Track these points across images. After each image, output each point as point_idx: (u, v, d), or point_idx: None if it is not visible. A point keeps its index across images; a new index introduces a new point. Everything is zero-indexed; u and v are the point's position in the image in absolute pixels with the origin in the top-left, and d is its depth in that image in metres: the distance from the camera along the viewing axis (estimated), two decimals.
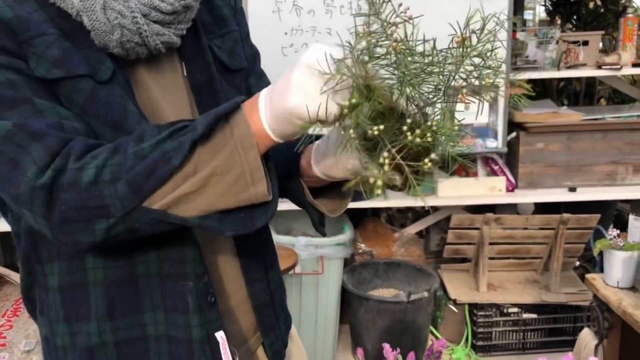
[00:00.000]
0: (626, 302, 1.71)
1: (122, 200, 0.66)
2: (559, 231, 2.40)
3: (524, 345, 2.46)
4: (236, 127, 0.66)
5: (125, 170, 0.65)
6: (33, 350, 2.30)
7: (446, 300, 2.48)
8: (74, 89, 0.71)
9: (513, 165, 2.49)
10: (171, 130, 0.67)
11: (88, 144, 0.68)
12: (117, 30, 0.72)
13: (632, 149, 2.44)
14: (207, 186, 0.67)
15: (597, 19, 3.50)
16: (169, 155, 0.65)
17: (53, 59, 0.70)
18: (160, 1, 0.74)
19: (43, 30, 0.71)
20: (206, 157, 0.66)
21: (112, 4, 0.72)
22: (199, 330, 0.79)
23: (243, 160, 0.66)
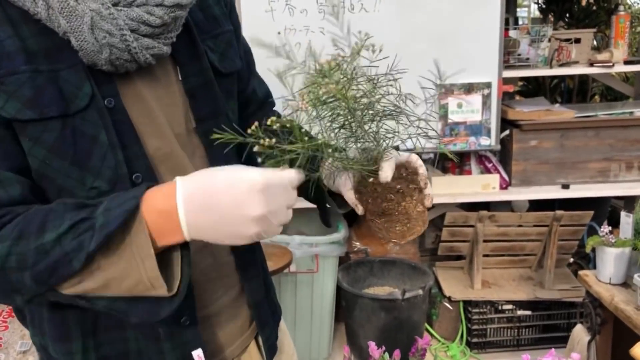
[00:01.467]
0: (618, 298, 1.72)
1: (31, 288, 0.68)
2: (553, 228, 2.42)
3: (519, 341, 2.47)
4: (133, 237, 0.66)
5: (29, 265, 0.66)
6: (29, 350, 2.30)
7: (441, 298, 2.49)
8: (45, 129, 0.70)
9: (506, 162, 2.50)
10: (72, 223, 0.66)
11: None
12: (105, 50, 0.71)
13: (625, 145, 2.45)
14: (108, 286, 0.68)
15: (589, 16, 3.52)
16: (69, 257, 0.65)
17: (25, 99, 0.69)
18: (149, 15, 0.73)
19: (15, 67, 0.69)
20: (105, 263, 0.67)
21: (100, 24, 0.70)
22: (173, 354, 0.80)
23: (140, 268, 0.66)
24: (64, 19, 0.69)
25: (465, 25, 2.28)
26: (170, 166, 0.79)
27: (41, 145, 0.71)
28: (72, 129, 0.71)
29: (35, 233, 0.66)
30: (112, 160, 0.73)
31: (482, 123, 2.35)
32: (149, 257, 0.66)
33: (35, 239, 0.66)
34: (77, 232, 0.66)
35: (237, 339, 0.91)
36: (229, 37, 0.91)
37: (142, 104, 0.77)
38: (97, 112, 0.73)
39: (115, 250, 0.66)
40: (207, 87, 0.84)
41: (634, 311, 1.63)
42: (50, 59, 0.71)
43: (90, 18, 0.69)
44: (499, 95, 2.34)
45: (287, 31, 2.21)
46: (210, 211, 0.67)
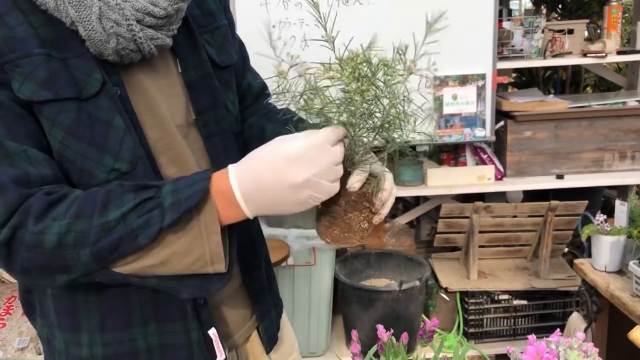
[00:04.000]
0: (613, 285, 1.74)
1: (85, 265, 0.69)
2: (548, 218, 2.43)
3: (515, 331, 2.49)
4: (202, 214, 0.69)
5: (90, 242, 0.67)
6: (27, 347, 2.30)
7: (437, 289, 2.51)
8: (61, 110, 0.72)
9: (501, 153, 2.51)
10: (137, 202, 0.68)
11: (48, 201, 0.69)
12: (112, 39, 0.72)
13: (618, 135, 2.47)
14: (168, 262, 0.70)
15: (582, 7, 3.54)
16: (135, 233, 0.67)
17: (40, 80, 0.70)
18: (154, 6, 0.75)
19: (29, 50, 0.70)
20: (171, 239, 0.69)
21: (107, 13, 0.71)
22: (197, 333, 0.83)
23: (205, 244, 0.69)
24: (73, 8, 0.70)
25: (460, 17, 2.28)
26: (170, 157, 0.80)
27: (58, 126, 0.72)
28: (87, 113, 0.73)
29: (98, 211, 0.68)
30: (131, 142, 0.75)
31: (477, 114, 2.36)
32: (215, 234, 0.69)
33: (99, 216, 0.68)
34: (142, 211, 0.68)
35: (239, 329, 0.93)
36: (224, 31, 0.92)
37: (144, 95, 0.78)
38: (109, 98, 0.74)
39: (183, 227, 0.69)
40: (206, 79, 0.85)
41: (629, 298, 1.65)
42: (57, 48, 0.72)
43: (98, 8, 0.71)
44: (494, 87, 2.35)
45: (281, 24, 2.21)
46: (261, 190, 0.69)
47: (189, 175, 0.72)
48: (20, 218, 0.68)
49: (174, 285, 0.73)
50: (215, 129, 0.86)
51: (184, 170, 0.81)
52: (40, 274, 0.70)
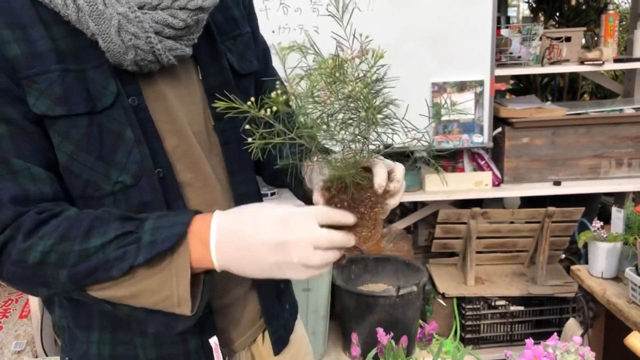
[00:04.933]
0: (610, 291, 1.75)
1: (62, 284, 0.72)
2: (545, 224, 2.44)
3: (512, 337, 2.50)
4: (176, 257, 0.71)
5: (68, 265, 0.71)
6: (24, 350, 2.30)
7: (435, 294, 2.51)
8: (73, 125, 0.74)
9: (499, 160, 2.52)
10: (118, 234, 0.71)
11: (38, 219, 0.72)
12: (131, 51, 0.74)
13: (615, 142, 2.48)
14: (138, 296, 0.73)
15: (579, 15, 3.56)
16: (110, 264, 0.70)
17: (56, 96, 0.72)
18: (173, 18, 0.76)
19: (47, 66, 0.72)
20: (143, 275, 0.71)
21: (126, 27, 0.73)
22: (195, 341, 0.84)
23: (174, 286, 0.71)
24: (93, 21, 0.72)
25: (458, 24, 2.30)
26: (187, 163, 0.83)
27: (69, 140, 0.74)
28: (99, 125, 0.75)
29: (80, 236, 0.71)
30: (138, 155, 0.77)
31: (475, 121, 2.38)
32: (185, 278, 0.71)
33: (80, 242, 0.71)
34: (122, 243, 0.70)
35: (248, 330, 0.94)
36: (247, 39, 0.93)
37: (163, 103, 0.80)
38: (122, 110, 0.76)
39: (155, 266, 0.71)
40: (225, 86, 0.86)
41: (625, 304, 1.65)
42: (78, 59, 0.74)
43: (117, 21, 0.72)
44: (491, 93, 2.36)
45: (281, 30, 2.22)
46: (234, 239, 0.71)
47: (172, 214, 0.75)
48: (11, 233, 0.71)
49: (143, 317, 0.75)
50: (232, 135, 0.87)
51: (200, 176, 0.83)
52: (23, 286, 0.75)
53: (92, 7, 0.72)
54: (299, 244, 0.70)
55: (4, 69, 0.71)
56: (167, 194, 0.80)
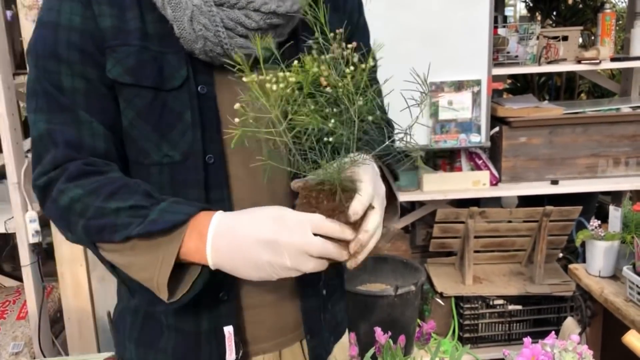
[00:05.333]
0: (607, 290, 1.75)
1: (79, 234, 0.80)
2: (542, 223, 2.45)
3: (510, 336, 2.50)
4: (168, 243, 0.75)
5: (85, 217, 0.78)
6: (21, 352, 2.30)
7: (433, 294, 2.51)
8: (137, 95, 0.82)
9: (496, 159, 2.53)
10: (135, 204, 0.77)
11: (83, 170, 0.80)
12: (200, 41, 0.80)
13: (612, 141, 2.49)
14: (128, 268, 0.80)
15: (576, 14, 3.57)
16: (115, 228, 0.76)
17: (127, 66, 0.81)
18: (247, 18, 0.81)
19: (128, 41, 0.81)
20: (136, 250, 0.77)
21: (198, 17, 0.79)
22: (208, 324, 0.88)
23: (157, 270, 0.75)
24: (171, 9, 0.80)
25: (455, 23, 2.30)
26: (242, 157, 0.85)
27: (132, 107, 0.83)
28: (163, 102, 0.83)
29: (105, 195, 0.78)
30: (191, 137, 0.83)
31: (472, 120, 2.38)
32: (168, 264, 0.74)
33: (102, 200, 0.78)
34: (132, 213, 0.76)
35: (279, 336, 0.94)
36: None
37: (232, 96, 0.81)
38: (187, 94, 0.83)
39: (148, 245, 0.76)
40: None
41: (623, 303, 1.66)
42: (161, 42, 0.82)
43: (191, 11, 0.79)
44: (489, 93, 2.37)
45: None
46: (229, 237, 0.74)
47: (186, 203, 0.79)
48: (58, 174, 0.80)
49: (136, 287, 0.82)
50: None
51: (251, 172, 0.85)
52: (56, 224, 0.84)
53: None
54: (290, 248, 0.71)
55: (93, 36, 0.81)
56: (211, 180, 0.84)
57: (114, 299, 1.01)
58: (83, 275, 2.30)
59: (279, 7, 0.82)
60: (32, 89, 0.83)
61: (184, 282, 0.77)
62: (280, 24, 0.84)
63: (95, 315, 2.35)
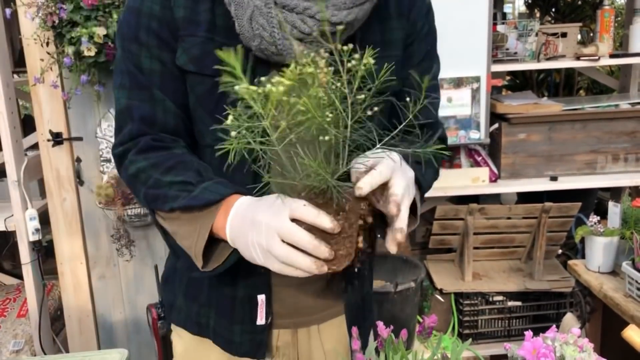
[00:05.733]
0: (607, 285, 1.76)
1: (141, 200, 0.92)
2: (542, 220, 2.45)
3: (509, 332, 2.50)
4: (204, 218, 0.83)
5: (146, 186, 0.89)
6: (22, 350, 2.30)
7: (432, 290, 2.52)
8: (200, 82, 0.90)
9: (496, 156, 2.53)
10: (186, 180, 0.86)
11: (151, 144, 0.91)
12: (257, 39, 0.85)
13: (611, 138, 2.49)
14: (175, 235, 0.90)
15: (575, 11, 3.57)
16: (167, 199, 0.86)
17: (192, 56, 0.89)
18: (302, 22, 0.84)
19: (196, 32, 0.89)
20: (180, 220, 0.87)
21: (257, 17, 0.84)
22: (244, 292, 0.98)
23: (194, 240, 0.84)
24: (234, 7, 0.86)
25: (454, 20, 2.30)
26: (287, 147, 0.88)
27: (194, 93, 0.92)
28: (221, 91, 0.85)
29: (164, 169, 0.89)
30: None
31: (472, 117, 2.38)
32: (203, 237, 0.83)
33: (161, 173, 0.88)
34: (182, 188, 0.86)
35: (291, 317, 1.02)
36: (393, 62, 0.94)
37: None
38: None
39: (190, 216, 0.85)
40: None
41: (622, 298, 1.66)
42: (228, 34, 0.88)
43: (251, 11, 0.85)
44: (488, 89, 2.37)
45: None
46: (241, 216, 0.80)
47: (226, 184, 0.86)
48: (132, 145, 0.91)
49: (180, 253, 0.91)
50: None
51: None
52: (128, 187, 0.96)
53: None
54: (266, 228, 0.75)
55: (169, 24, 0.89)
56: None
57: (114, 296, 1.05)
58: (83, 273, 2.30)
59: (333, 16, 0.85)
60: (118, 67, 0.94)
61: (220, 256, 0.85)
62: (333, 32, 0.85)
63: (95, 312, 2.35)
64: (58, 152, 2.20)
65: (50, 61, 2.06)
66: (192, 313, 1.04)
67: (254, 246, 0.77)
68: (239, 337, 1.00)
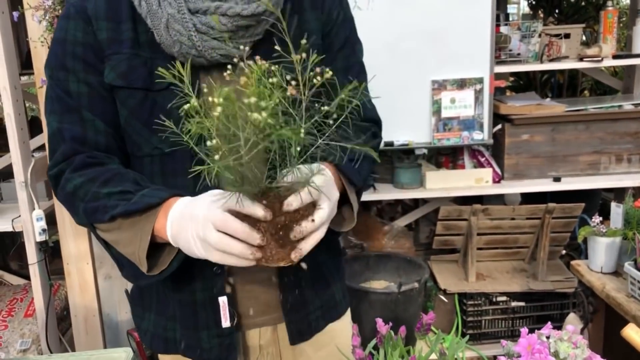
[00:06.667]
0: (609, 286, 1.77)
1: (80, 216, 0.93)
2: (545, 220, 2.46)
3: (513, 332, 2.51)
4: (144, 221, 0.86)
5: (85, 201, 0.91)
6: (29, 349, 2.32)
7: (436, 291, 2.53)
8: (130, 95, 0.94)
9: (499, 156, 2.54)
10: (124, 190, 0.88)
11: (86, 161, 0.93)
12: (177, 44, 0.89)
13: (614, 138, 2.50)
14: (117, 244, 0.91)
15: (578, 12, 3.57)
16: (105, 209, 0.88)
17: (120, 71, 0.93)
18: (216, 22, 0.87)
19: (121, 49, 0.93)
20: (122, 227, 0.88)
21: (173, 24, 0.89)
22: (203, 295, 0.98)
23: (137, 246, 0.86)
24: (150, 18, 0.90)
25: (457, 21, 2.31)
26: None
27: (125, 106, 0.95)
28: (152, 101, 0.94)
29: (100, 182, 0.90)
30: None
31: (475, 118, 2.39)
32: (145, 240, 0.85)
33: (98, 186, 0.90)
34: (120, 197, 0.88)
35: (268, 313, 1.02)
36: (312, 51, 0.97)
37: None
38: (175, 93, 0.88)
39: (131, 222, 0.87)
40: None
41: (624, 298, 1.67)
42: (151, 49, 0.93)
43: (166, 19, 0.89)
44: (491, 91, 2.38)
45: None
46: (179, 215, 0.83)
47: (164, 189, 0.89)
48: (66, 165, 0.93)
49: (124, 263, 0.93)
50: None
51: None
52: (66, 208, 0.95)
53: (149, 7, 0.90)
54: (202, 220, 0.78)
55: (93, 48, 0.93)
56: None
57: (119, 296, 1.06)
58: (89, 273, 2.32)
59: (243, 10, 0.88)
60: (48, 95, 0.97)
61: (165, 259, 0.88)
62: (249, 25, 0.91)
63: (101, 312, 2.37)
64: None
65: None
66: (159, 329, 1.04)
67: (193, 239, 0.80)
68: (207, 343, 0.99)
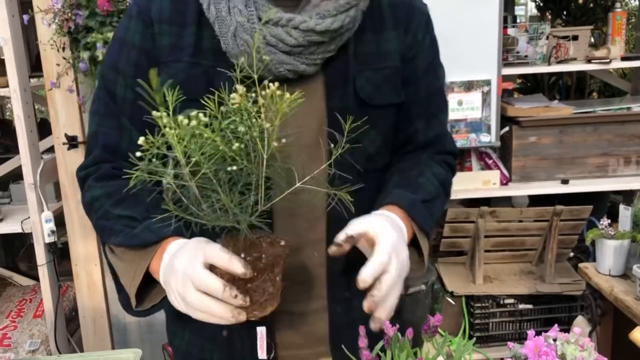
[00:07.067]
0: (617, 288, 1.76)
1: (94, 227, 0.93)
2: (553, 223, 2.45)
3: (520, 335, 2.50)
4: (140, 259, 0.83)
5: (97, 216, 0.90)
6: (38, 350, 2.34)
7: (443, 293, 2.52)
8: (188, 107, 0.84)
9: (506, 159, 2.53)
10: (130, 215, 0.86)
11: (111, 172, 0.91)
12: (243, 55, 0.83)
13: (623, 141, 2.48)
14: (116, 268, 0.88)
15: (587, 14, 3.56)
16: (110, 233, 0.86)
17: (178, 81, 0.83)
18: (287, 35, 0.83)
19: (181, 57, 0.88)
20: (121, 256, 0.86)
21: (241, 34, 0.84)
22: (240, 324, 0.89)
23: (130, 278, 0.84)
24: (217, 25, 0.86)
25: (465, 23, 2.31)
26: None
27: None
28: None
29: (115, 200, 0.88)
30: None
31: (482, 120, 2.39)
32: (138, 278, 0.83)
33: (112, 204, 0.88)
34: (127, 223, 0.85)
35: (313, 346, 0.96)
36: (390, 73, 0.95)
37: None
38: None
39: (131, 254, 0.84)
40: (347, 111, 0.85)
41: (633, 301, 1.66)
42: (214, 57, 0.88)
43: (235, 28, 0.84)
44: (499, 93, 2.37)
45: None
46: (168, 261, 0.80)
47: (166, 226, 0.81)
48: (93, 170, 0.92)
49: (120, 287, 0.89)
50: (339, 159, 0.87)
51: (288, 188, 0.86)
52: (85, 212, 0.95)
53: (219, 13, 0.85)
54: (181, 276, 0.74)
55: (149, 54, 0.90)
56: None
57: None
58: (97, 274, 2.34)
59: (317, 25, 0.83)
60: (96, 94, 0.95)
61: (157, 295, 0.86)
62: (322, 41, 0.85)
63: (109, 313, 2.39)
64: (73, 155, 2.24)
65: (66, 66, 2.10)
66: (195, 348, 0.99)
67: (174, 294, 0.76)
68: None
